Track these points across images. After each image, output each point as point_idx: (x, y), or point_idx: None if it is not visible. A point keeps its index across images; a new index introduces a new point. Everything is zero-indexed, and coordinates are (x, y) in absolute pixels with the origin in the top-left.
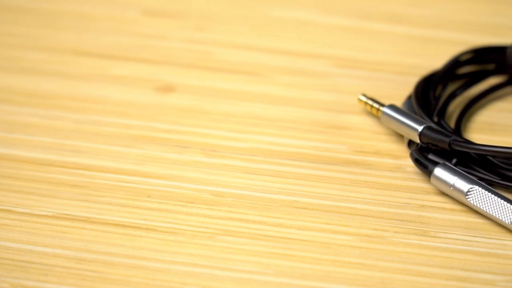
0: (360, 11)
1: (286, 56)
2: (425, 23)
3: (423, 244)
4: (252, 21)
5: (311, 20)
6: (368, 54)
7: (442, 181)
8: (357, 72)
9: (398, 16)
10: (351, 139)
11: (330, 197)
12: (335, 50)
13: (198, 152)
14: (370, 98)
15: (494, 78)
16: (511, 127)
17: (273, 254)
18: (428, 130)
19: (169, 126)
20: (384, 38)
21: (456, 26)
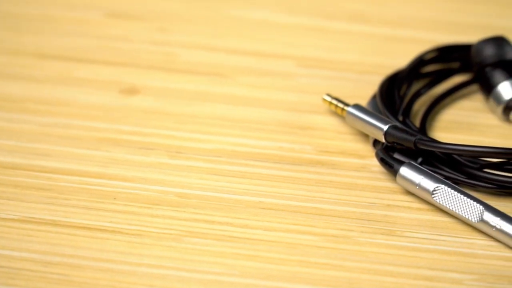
0: (323, 11)
1: (250, 56)
2: (388, 22)
3: (390, 243)
4: (215, 22)
5: (274, 20)
6: (332, 53)
7: (408, 180)
8: (321, 72)
9: (362, 15)
10: (316, 139)
11: (296, 198)
12: (299, 50)
13: (163, 153)
14: (334, 98)
15: (458, 77)
16: (476, 126)
17: (239, 255)
18: (393, 130)
19: (134, 128)
20: (347, 38)
21: (419, 24)
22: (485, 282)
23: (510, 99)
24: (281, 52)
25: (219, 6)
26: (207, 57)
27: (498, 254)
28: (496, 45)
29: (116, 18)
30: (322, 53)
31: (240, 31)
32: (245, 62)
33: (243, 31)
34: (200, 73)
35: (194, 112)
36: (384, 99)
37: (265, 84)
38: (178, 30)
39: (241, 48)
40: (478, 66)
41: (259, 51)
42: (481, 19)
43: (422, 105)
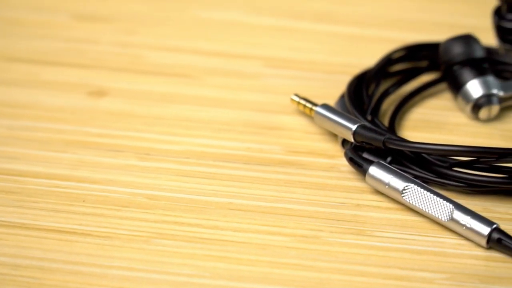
0: (289, 11)
1: (217, 57)
2: (356, 21)
3: (360, 243)
4: (182, 23)
5: (240, 21)
6: (300, 53)
7: (377, 179)
8: (288, 72)
9: (329, 15)
10: (285, 139)
11: (265, 198)
12: (266, 51)
13: (131, 155)
14: (302, 98)
15: (427, 75)
16: (445, 124)
17: (210, 256)
18: (362, 129)
19: (102, 131)
20: (315, 37)
21: (387, 23)
22: (456, 281)
23: (478, 98)
24: (248, 52)
25: (186, 8)
26: (174, 59)
27: (469, 253)
28: (464, 44)
29: (83, 20)
30: (290, 53)
31: (207, 32)
32: (213, 63)
33: (210, 32)
34: (167, 75)
35: (162, 114)
36: (352, 98)
37: (233, 85)
38: (145, 32)
39: (208, 49)
40: (446, 65)
41: (226, 52)
42: (449, 18)
43: (391, 104)
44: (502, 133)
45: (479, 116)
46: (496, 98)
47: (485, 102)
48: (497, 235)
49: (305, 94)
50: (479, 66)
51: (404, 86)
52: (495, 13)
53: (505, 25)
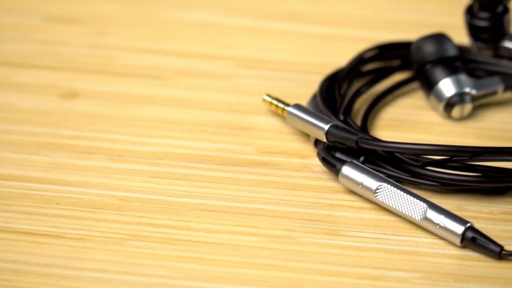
0: (261, 11)
1: (189, 58)
2: (327, 21)
3: (333, 243)
4: (154, 25)
5: (212, 22)
6: (271, 54)
7: (350, 179)
8: (260, 72)
9: (300, 14)
10: (257, 140)
11: (238, 199)
12: (238, 51)
13: (104, 157)
14: (274, 98)
15: (399, 74)
16: (418, 123)
17: (183, 257)
18: (334, 129)
19: (74, 133)
20: (286, 37)
21: (359, 23)
22: (430, 280)
23: (451, 96)
24: (220, 53)
25: (157, 9)
26: (146, 60)
27: (443, 252)
28: (436, 42)
29: (54, 22)
30: (261, 54)
31: (179, 33)
32: (184, 64)
33: (182, 33)
34: (139, 76)
35: (134, 115)
36: (324, 98)
37: (205, 85)
38: (117, 34)
39: (180, 50)
40: (419, 64)
41: (198, 52)
42: (421, 17)
43: (363, 103)
44: (475, 132)
45: (452, 115)
46: (468, 97)
47: (458, 100)
48: (471, 234)
49: (277, 94)
50: (451, 65)
51: (376, 85)
52: (467, 12)
53: (477, 23)
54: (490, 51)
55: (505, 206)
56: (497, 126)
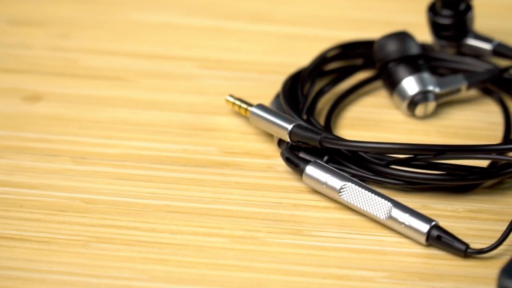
0: (222, 11)
1: (151, 59)
2: (289, 20)
3: (298, 243)
4: (115, 27)
5: (173, 23)
6: (233, 54)
7: (314, 179)
8: (223, 73)
9: (262, 14)
10: (220, 140)
11: (202, 200)
12: (200, 52)
13: (68, 160)
14: (237, 99)
15: (362, 73)
16: (381, 122)
17: (148, 259)
18: (298, 129)
19: (38, 135)
20: (248, 37)
21: (321, 22)
22: (395, 279)
23: (414, 95)
24: (182, 54)
25: (119, 11)
26: (108, 62)
27: (408, 251)
28: (398, 41)
29: (16, 25)
30: (224, 54)
31: (140, 35)
32: (147, 65)
33: (143, 35)
34: (102, 78)
35: (98, 117)
36: (287, 98)
37: (168, 86)
38: (79, 36)
39: (142, 51)
40: (382, 62)
41: (160, 54)
42: (383, 15)
43: (326, 103)
44: (438, 130)
45: (415, 113)
46: (432, 95)
47: (421, 99)
48: (436, 232)
49: (240, 95)
50: (414, 63)
51: (339, 84)
52: (429, 10)
53: (440, 21)
54: (453, 48)
55: (470, 204)
56: (461, 124)
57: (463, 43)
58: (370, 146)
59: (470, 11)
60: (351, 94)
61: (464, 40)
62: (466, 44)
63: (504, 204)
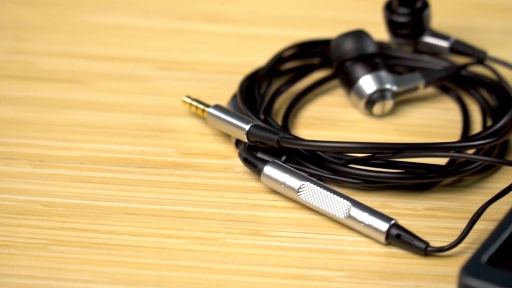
0: (178, 12)
1: (108, 61)
2: (245, 20)
3: (257, 243)
4: (72, 29)
5: (129, 24)
6: (190, 55)
7: (272, 179)
8: (180, 74)
9: (218, 15)
10: (178, 141)
11: (160, 201)
12: (156, 53)
13: (25, 163)
14: (194, 100)
15: (319, 72)
16: (339, 121)
17: (108, 261)
18: (255, 129)
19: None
20: (204, 38)
21: (277, 22)
22: (355, 278)
23: (372, 93)
24: (139, 55)
25: (75, 13)
26: (65, 64)
27: (367, 250)
28: (355, 39)
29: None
30: (180, 55)
31: (97, 37)
32: (103, 67)
33: (100, 37)
34: (59, 80)
35: (55, 120)
36: (244, 98)
37: (124, 88)
38: (35, 38)
39: (99, 53)
40: (338, 61)
41: (116, 55)
42: (339, 14)
43: (283, 102)
44: (396, 128)
45: (373, 112)
46: (389, 93)
47: (379, 97)
48: (395, 231)
49: (197, 96)
50: (371, 62)
51: (296, 84)
52: (386, 8)
53: (396, 19)
54: (410, 46)
55: (429, 202)
56: (418, 122)
57: (420, 41)
58: (328, 145)
59: (426, 8)
60: (308, 93)
61: (421, 38)
62: (423, 42)
63: (463, 202)
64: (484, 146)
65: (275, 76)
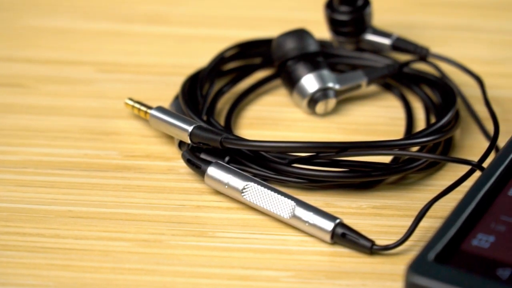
0: (118, 14)
1: (49, 65)
2: (186, 21)
3: (202, 245)
4: (12, 33)
5: (70, 27)
6: (131, 57)
7: (216, 180)
8: (121, 76)
9: (158, 16)
10: (121, 144)
11: (105, 204)
12: (98, 56)
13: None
14: (137, 102)
15: (261, 72)
16: (282, 121)
17: (53, 265)
18: (198, 130)
19: None
20: (145, 40)
21: (218, 22)
22: (301, 278)
23: (314, 92)
24: (80, 58)
25: (15, 17)
26: (6, 69)
27: (313, 249)
28: (297, 38)
29: None
30: (121, 57)
31: (38, 40)
32: (45, 71)
33: (41, 40)
34: (0, 85)
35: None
36: (186, 99)
37: (67, 92)
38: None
39: (40, 57)
40: (280, 61)
41: (58, 59)
42: (280, 13)
43: (226, 103)
44: (339, 126)
45: (316, 111)
46: (332, 92)
47: (321, 96)
48: (341, 230)
49: (139, 98)
50: (313, 60)
51: (238, 84)
52: (327, 6)
53: (338, 18)
54: (352, 44)
55: (374, 200)
56: (361, 120)
57: (362, 38)
58: (271, 145)
59: (368, 6)
60: (250, 93)
61: (362, 35)
62: (365, 40)
63: (408, 200)
64: (428, 143)
65: (217, 76)
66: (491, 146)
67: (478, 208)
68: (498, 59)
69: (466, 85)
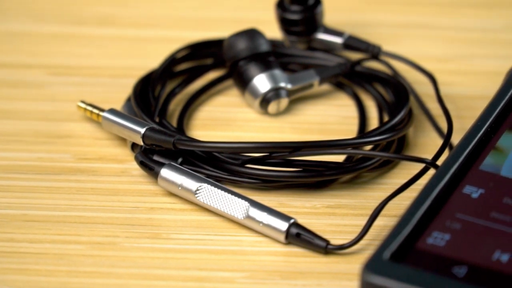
0: (68, 16)
1: (0, 69)
2: (137, 23)
3: (156, 247)
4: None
5: (20, 30)
6: (82, 59)
7: (169, 181)
8: (73, 79)
9: (108, 18)
10: (74, 147)
11: (59, 207)
12: (48, 59)
13: None
14: (89, 104)
15: (213, 73)
16: (234, 121)
17: (8, 269)
18: (150, 132)
19: None
20: (96, 42)
21: (169, 23)
22: (256, 278)
23: (266, 92)
24: (31, 61)
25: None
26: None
27: (267, 250)
28: (248, 38)
29: None
30: (73, 60)
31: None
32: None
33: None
34: None
35: None
36: (138, 101)
37: (19, 95)
38: None
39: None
40: (232, 61)
41: (8, 62)
42: (231, 13)
43: (178, 104)
44: (292, 126)
45: (268, 111)
46: (284, 91)
47: (273, 96)
48: (295, 230)
49: (92, 100)
50: (265, 60)
51: (190, 85)
52: (278, 6)
53: (289, 17)
54: (304, 44)
55: (328, 200)
56: (314, 119)
57: (314, 38)
58: (224, 146)
59: (319, 5)
60: (202, 94)
61: (314, 35)
62: (316, 39)
63: (362, 198)
64: (381, 141)
65: (169, 78)
66: (445, 143)
67: (433, 206)
68: (450, 57)
69: (418, 82)
